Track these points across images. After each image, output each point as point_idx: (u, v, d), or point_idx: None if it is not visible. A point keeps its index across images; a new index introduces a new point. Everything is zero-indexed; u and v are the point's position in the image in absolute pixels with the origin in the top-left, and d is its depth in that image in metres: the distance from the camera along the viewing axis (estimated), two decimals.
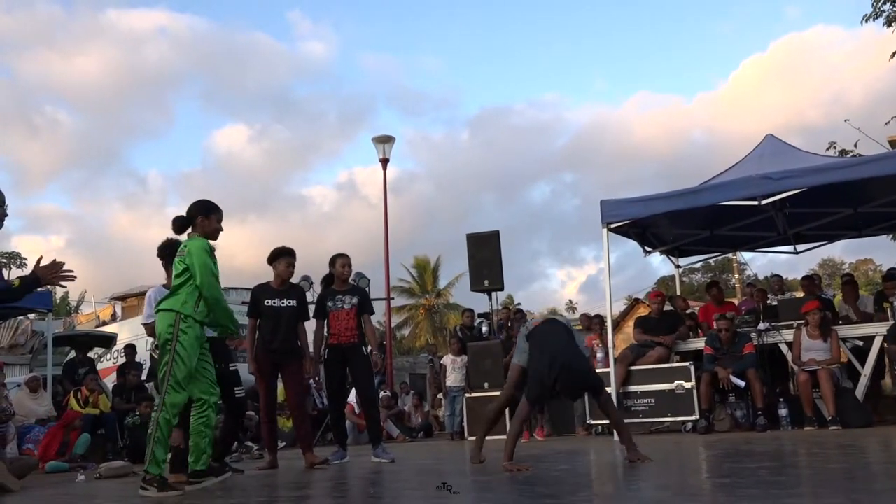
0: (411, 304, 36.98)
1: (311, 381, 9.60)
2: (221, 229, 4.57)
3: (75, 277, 4.27)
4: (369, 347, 6.29)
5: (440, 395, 12.00)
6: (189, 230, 4.54)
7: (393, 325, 28.19)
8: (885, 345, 7.19)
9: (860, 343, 7.66)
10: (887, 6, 11.02)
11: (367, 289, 8.90)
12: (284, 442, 9.40)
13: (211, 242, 4.49)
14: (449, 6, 71.16)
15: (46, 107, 65.34)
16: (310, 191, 70.16)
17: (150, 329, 5.10)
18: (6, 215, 4.57)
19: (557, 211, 68.68)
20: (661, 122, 71.71)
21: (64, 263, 4.25)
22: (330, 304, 6.24)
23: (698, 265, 35.58)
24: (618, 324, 23.74)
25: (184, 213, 4.53)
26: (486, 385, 9.26)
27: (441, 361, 11.08)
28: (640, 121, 71.33)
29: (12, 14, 61.77)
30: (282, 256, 6.07)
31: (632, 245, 9.73)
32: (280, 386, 6.55)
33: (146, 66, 65.00)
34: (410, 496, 3.77)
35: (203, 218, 4.48)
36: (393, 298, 20.30)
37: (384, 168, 15.70)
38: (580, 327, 9.57)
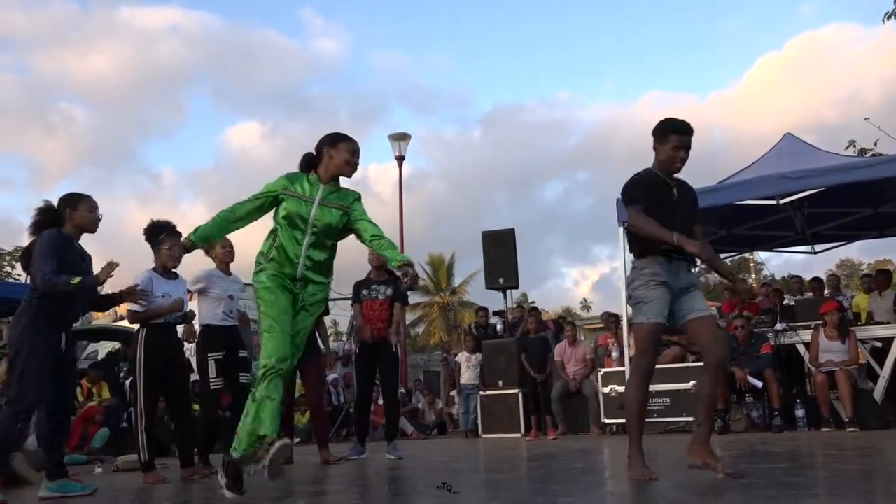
0: (425, 301, 37.01)
1: (330, 376, 9.62)
2: (355, 162, 3.75)
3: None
4: (395, 338, 6.22)
5: (453, 393, 12.01)
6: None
7: (407, 322, 28.23)
8: None
9: (878, 345, 7.58)
10: None
11: None
12: (299, 438, 9.44)
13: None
14: (460, 4, 71.15)
15: (62, 104, 66.15)
16: None
17: (135, 317, 4.89)
18: (99, 218, 4.47)
19: (570, 209, 68.51)
20: None
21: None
22: (364, 292, 6.27)
23: None
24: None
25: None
26: (500, 383, 9.26)
27: (455, 359, 11.08)
28: (652, 119, 70.15)
29: (28, 12, 62.52)
30: None
31: None
32: (298, 381, 6.56)
33: (159, 63, 65.61)
34: (424, 493, 3.78)
35: (329, 147, 3.74)
36: (409, 293, 20.32)
37: (400, 165, 15.70)
38: (601, 325, 9.52)
